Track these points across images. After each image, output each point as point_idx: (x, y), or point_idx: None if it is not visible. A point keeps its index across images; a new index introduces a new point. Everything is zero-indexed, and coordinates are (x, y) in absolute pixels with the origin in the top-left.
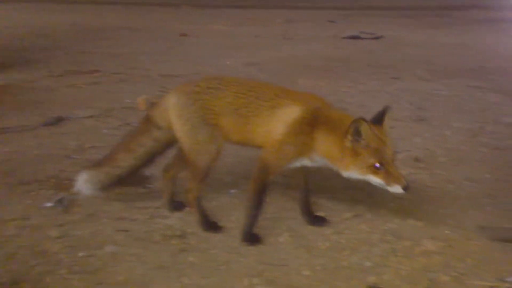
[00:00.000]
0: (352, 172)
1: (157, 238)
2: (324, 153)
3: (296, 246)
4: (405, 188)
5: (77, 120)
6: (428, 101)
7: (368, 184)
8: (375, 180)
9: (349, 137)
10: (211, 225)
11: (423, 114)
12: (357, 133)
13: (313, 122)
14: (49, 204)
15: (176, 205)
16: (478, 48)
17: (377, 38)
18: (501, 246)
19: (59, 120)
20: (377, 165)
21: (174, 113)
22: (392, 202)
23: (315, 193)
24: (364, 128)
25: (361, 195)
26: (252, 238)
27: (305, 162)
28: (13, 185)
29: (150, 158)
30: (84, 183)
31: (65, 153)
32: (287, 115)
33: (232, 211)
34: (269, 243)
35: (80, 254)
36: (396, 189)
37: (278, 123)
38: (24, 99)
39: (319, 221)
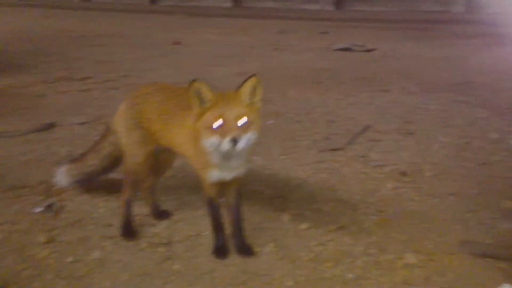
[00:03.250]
0: (204, 139)
1: (143, 245)
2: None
3: (280, 257)
4: (232, 140)
5: (68, 126)
6: (416, 115)
7: (352, 196)
8: (213, 141)
9: (193, 101)
10: (128, 232)
11: (411, 128)
12: (198, 95)
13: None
14: (38, 210)
15: (162, 214)
16: (464, 63)
17: (368, 50)
18: (482, 261)
19: (50, 126)
20: (217, 123)
21: (119, 117)
22: (376, 216)
23: (300, 206)
24: (202, 89)
25: (345, 208)
26: (218, 251)
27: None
28: (3, 190)
29: (113, 161)
30: (62, 175)
31: (56, 159)
32: (187, 125)
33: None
34: (253, 253)
35: (68, 259)
36: (225, 143)
37: (184, 135)
38: (17, 105)
39: (245, 251)
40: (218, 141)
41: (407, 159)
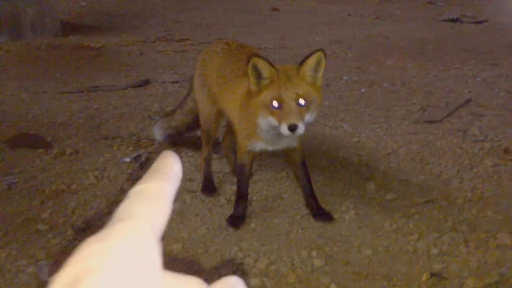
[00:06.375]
0: (260, 118)
1: (222, 202)
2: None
3: (361, 225)
4: (290, 127)
5: (162, 84)
6: None
7: (444, 170)
8: (271, 122)
9: (251, 78)
10: (208, 188)
11: None
12: (256, 70)
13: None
14: (127, 160)
15: None
16: None
17: (479, 22)
18: None
19: (146, 83)
20: (275, 103)
21: (195, 72)
22: (470, 192)
23: (387, 176)
24: (261, 64)
25: (436, 182)
26: (234, 220)
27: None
28: (97, 139)
29: (195, 116)
30: (157, 129)
31: (147, 114)
32: (238, 92)
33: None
34: (333, 219)
35: None
36: (283, 129)
37: (233, 101)
38: (117, 61)
39: (322, 216)
40: (276, 123)
41: None
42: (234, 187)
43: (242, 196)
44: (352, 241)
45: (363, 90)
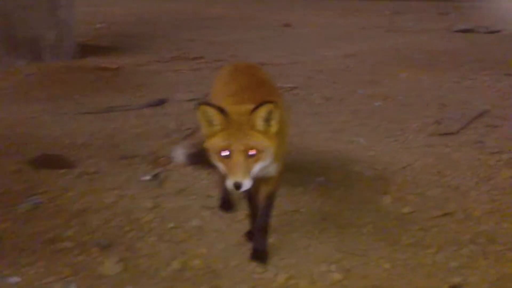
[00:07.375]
0: (214, 161)
1: (240, 217)
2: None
3: (378, 238)
4: (235, 185)
5: (178, 102)
6: None
7: (462, 182)
8: (222, 168)
9: (203, 124)
10: (226, 204)
11: None
12: (207, 117)
13: None
14: (146, 178)
15: None
16: None
17: (493, 32)
18: None
19: (162, 102)
20: (224, 152)
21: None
22: (488, 204)
23: (403, 189)
24: (211, 112)
25: (453, 194)
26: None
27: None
28: (116, 158)
29: None
30: (177, 153)
31: (165, 132)
32: None
33: (317, 198)
34: (350, 232)
35: (169, 225)
36: (229, 183)
37: None
38: (133, 82)
39: (259, 255)
40: (225, 172)
41: None
42: None
43: (249, 214)
44: (370, 255)
45: (378, 103)
